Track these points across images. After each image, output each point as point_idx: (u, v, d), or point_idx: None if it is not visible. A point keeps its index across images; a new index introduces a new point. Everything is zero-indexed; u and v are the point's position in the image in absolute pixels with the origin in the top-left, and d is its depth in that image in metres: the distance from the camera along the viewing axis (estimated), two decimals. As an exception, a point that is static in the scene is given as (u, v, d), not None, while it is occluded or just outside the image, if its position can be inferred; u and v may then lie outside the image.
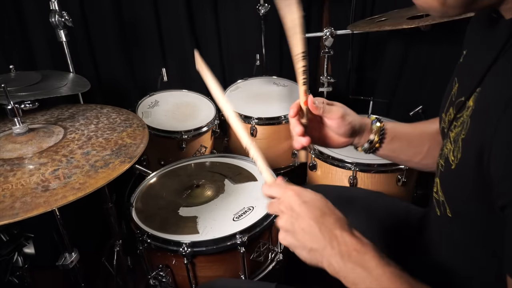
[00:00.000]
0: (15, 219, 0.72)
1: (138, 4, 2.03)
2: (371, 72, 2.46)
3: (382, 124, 0.89)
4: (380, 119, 0.90)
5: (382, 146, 0.89)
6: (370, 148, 0.89)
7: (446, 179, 0.65)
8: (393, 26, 1.57)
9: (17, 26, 1.75)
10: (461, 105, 0.62)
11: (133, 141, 0.99)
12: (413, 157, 0.90)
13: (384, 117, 1.77)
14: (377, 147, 0.89)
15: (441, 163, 0.67)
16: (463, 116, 0.61)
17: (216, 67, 2.37)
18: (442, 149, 0.67)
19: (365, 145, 0.89)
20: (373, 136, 0.88)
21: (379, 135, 0.88)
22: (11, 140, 0.98)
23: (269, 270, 1.20)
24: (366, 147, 0.89)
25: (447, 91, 0.73)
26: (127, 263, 1.53)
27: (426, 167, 0.91)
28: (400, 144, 0.90)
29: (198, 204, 1.22)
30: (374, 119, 0.90)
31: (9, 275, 1.18)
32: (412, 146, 0.90)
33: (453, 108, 0.66)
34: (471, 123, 0.57)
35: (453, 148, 0.61)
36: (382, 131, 0.88)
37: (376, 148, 0.90)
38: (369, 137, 0.88)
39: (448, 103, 0.71)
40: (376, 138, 0.88)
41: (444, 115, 0.71)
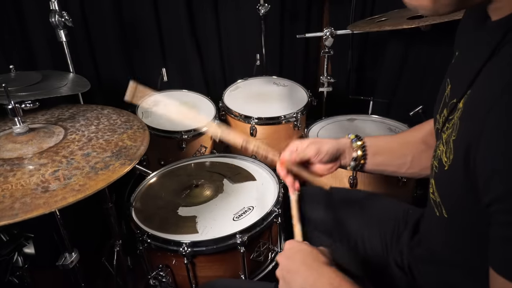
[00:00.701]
0: (15, 219, 0.72)
1: (138, 4, 2.03)
2: (371, 72, 2.46)
3: (362, 141, 0.95)
4: (360, 137, 0.96)
5: (367, 161, 0.95)
6: (357, 165, 0.95)
7: (440, 180, 0.66)
8: (393, 26, 1.57)
9: (17, 26, 1.75)
10: (453, 106, 0.63)
11: (134, 143, 0.99)
12: (399, 168, 0.94)
13: (384, 117, 1.78)
14: (362, 163, 0.95)
15: (435, 164, 0.68)
16: (454, 117, 0.62)
17: (216, 67, 2.37)
18: (436, 151, 0.68)
19: (351, 163, 0.95)
20: (355, 153, 0.94)
21: (362, 151, 0.94)
22: (11, 139, 0.98)
23: (269, 270, 1.20)
24: (353, 165, 0.95)
25: (441, 92, 0.74)
26: (127, 263, 1.53)
27: (414, 175, 0.96)
28: (383, 157, 0.95)
29: (197, 204, 1.22)
30: (354, 138, 0.95)
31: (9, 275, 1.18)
32: (396, 158, 0.94)
33: (447, 110, 0.67)
34: (460, 124, 0.59)
35: (446, 149, 0.62)
36: (363, 147, 0.94)
37: (362, 165, 0.95)
38: (352, 155, 0.94)
39: (442, 104, 0.72)
40: (359, 154, 0.94)
41: (438, 116, 0.72)
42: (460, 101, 0.61)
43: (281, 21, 2.37)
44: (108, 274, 1.53)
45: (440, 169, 0.65)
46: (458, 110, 0.61)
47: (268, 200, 1.21)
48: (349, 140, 0.95)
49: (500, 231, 0.51)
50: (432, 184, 0.69)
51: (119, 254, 1.45)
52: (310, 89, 1.98)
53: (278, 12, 2.29)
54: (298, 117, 1.76)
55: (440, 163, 0.64)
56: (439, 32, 1.64)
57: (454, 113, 0.62)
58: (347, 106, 2.43)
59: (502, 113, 0.49)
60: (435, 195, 0.68)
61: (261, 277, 1.18)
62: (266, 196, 1.24)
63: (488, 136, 0.51)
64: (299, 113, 1.77)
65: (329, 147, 0.91)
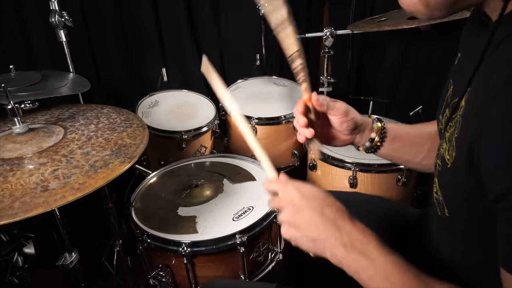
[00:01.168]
0: (14, 219, 0.72)
1: (138, 4, 2.03)
2: (371, 72, 2.46)
3: (383, 123, 0.90)
4: (381, 119, 0.91)
5: (383, 145, 0.90)
6: (372, 147, 0.90)
7: (443, 178, 0.66)
8: (393, 26, 1.57)
9: (17, 26, 1.75)
10: (455, 105, 0.63)
11: (133, 141, 0.99)
12: (415, 157, 0.90)
13: (384, 117, 1.78)
14: (378, 145, 0.90)
15: (438, 162, 0.68)
16: (457, 116, 0.62)
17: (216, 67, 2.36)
18: (439, 149, 0.68)
19: (366, 143, 0.90)
20: (374, 134, 0.89)
21: (380, 134, 0.89)
22: (11, 140, 0.98)
23: (268, 270, 1.20)
24: (368, 146, 0.90)
25: (443, 93, 0.74)
26: (127, 263, 1.53)
27: (426, 168, 0.92)
28: (401, 143, 0.91)
29: (197, 204, 1.22)
30: (375, 119, 0.91)
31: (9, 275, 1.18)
32: (413, 146, 0.90)
33: (449, 109, 0.68)
34: (462, 122, 0.59)
35: (448, 147, 0.62)
36: (383, 130, 0.89)
37: (377, 147, 0.90)
38: (370, 136, 0.89)
39: (445, 104, 0.72)
40: (377, 137, 0.89)
41: (441, 116, 0.72)
42: (462, 99, 0.61)
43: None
44: (108, 274, 1.53)
45: (443, 168, 0.65)
46: (460, 108, 0.61)
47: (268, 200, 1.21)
48: (370, 120, 0.91)
49: (507, 228, 0.50)
50: (435, 183, 0.69)
51: (119, 254, 1.45)
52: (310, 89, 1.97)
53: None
54: (298, 117, 1.76)
55: (443, 161, 0.64)
56: (439, 32, 1.64)
57: (457, 111, 0.62)
58: (347, 106, 2.43)
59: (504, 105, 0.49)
60: (438, 194, 0.68)
61: (261, 277, 1.18)
62: (266, 196, 1.24)
63: (491, 129, 0.51)
64: (299, 113, 1.77)
65: (356, 115, 0.86)
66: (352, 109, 0.87)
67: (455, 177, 0.60)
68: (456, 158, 0.59)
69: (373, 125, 0.90)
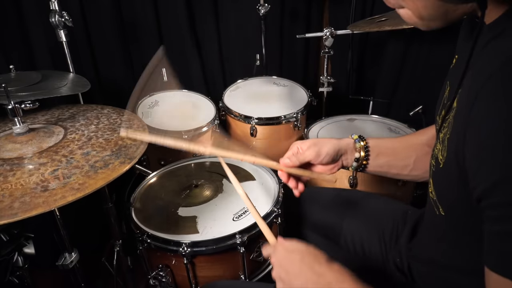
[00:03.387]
0: (14, 219, 0.72)
1: (138, 4, 2.03)
2: (371, 72, 2.46)
3: (365, 142, 0.94)
4: (363, 137, 0.95)
5: (369, 162, 0.94)
6: (359, 166, 0.94)
7: (436, 178, 0.67)
8: (393, 26, 1.57)
9: (17, 26, 1.75)
10: (449, 106, 0.64)
11: (133, 142, 0.99)
12: (402, 170, 0.94)
13: (384, 117, 1.78)
14: (364, 164, 0.94)
15: (432, 163, 0.69)
16: (450, 117, 0.63)
17: (216, 67, 2.37)
18: (433, 150, 0.70)
19: (353, 164, 0.94)
20: (358, 154, 0.93)
21: (364, 152, 0.93)
22: (11, 140, 0.98)
23: (269, 270, 1.20)
24: (355, 166, 0.94)
25: (441, 94, 0.75)
26: (127, 263, 1.53)
27: (416, 178, 0.95)
28: (387, 159, 0.94)
29: (197, 204, 1.22)
30: (357, 138, 0.94)
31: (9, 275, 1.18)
32: (399, 160, 0.94)
33: (444, 110, 0.68)
34: (453, 122, 0.60)
35: (441, 148, 0.64)
36: (366, 148, 0.94)
37: (364, 166, 0.95)
38: (355, 156, 0.93)
39: (441, 106, 0.73)
40: (362, 155, 0.93)
41: (438, 117, 0.73)
42: (454, 100, 0.62)
43: (281, 21, 2.37)
44: (108, 274, 1.53)
45: (436, 167, 0.66)
46: (453, 110, 0.62)
47: (268, 200, 1.21)
48: (352, 140, 0.94)
49: (491, 227, 0.51)
50: (430, 183, 0.70)
51: (119, 254, 1.45)
52: (310, 89, 1.98)
53: (278, 12, 2.29)
54: (298, 117, 1.76)
55: (437, 161, 0.65)
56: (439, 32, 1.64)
57: (450, 112, 0.64)
58: (347, 106, 2.43)
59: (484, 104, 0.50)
60: (433, 194, 0.69)
61: (261, 277, 1.18)
62: (266, 196, 1.24)
63: (472, 129, 0.52)
64: (299, 113, 1.77)
65: (329, 148, 0.90)
66: (323, 144, 0.91)
67: (447, 177, 0.62)
68: (447, 158, 0.61)
69: (356, 145, 0.94)
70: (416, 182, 1.55)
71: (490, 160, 0.48)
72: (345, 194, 1.20)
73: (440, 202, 0.66)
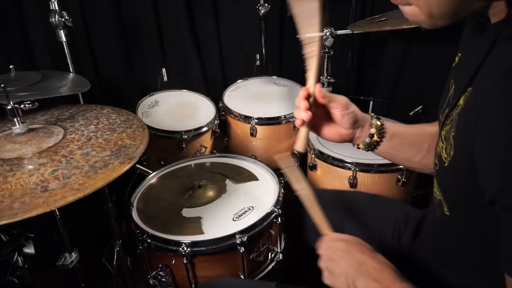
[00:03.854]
0: (14, 219, 0.72)
1: (138, 4, 2.03)
2: (371, 72, 2.46)
3: (381, 120, 0.90)
4: (379, 117, 0.91)
5: (383, 141, 0.90)
6: (371, 143, 0.90)
7: (441, 177, 0.66)
8: (393, 26, 1.57)
9: (17, 26, 1.75)
10: (454, 104, 0.64)
11: (133, 142, 0.99)
12: (414, 155, 0.90)
13: (384, 117, 1.77)
14: (377, 141, 0.90)
15: (436, 161, 0.68)
16: (453, 114, 0.62)
17: (216, 67, 2.37)
18: (436, 148, 0.69)
19: (366, 140, 0.90)
20: (373, 130, 0.89)
21: (379, 131, 0.89)
22: (11, 140, 0.98)
23: (268, 270, 1.20)
24: (367, 142, 0.90)
25: (444, 93, 0.74)
26: (127, 263, 1.53)
27: (426, 167, 0.92)
28: (400, 141, 0.91)
29: (201, 205, 1.22)
30: (374, 116, 0.91)
31: (9, 275, 1.18)
32: (412, 144, 0.90)
33: (448, 108, 0.68)
34: (458, 120, 0.59)
35: (445, 145, 0.63)
36: (382, 127, 0.90)
37: (376, 144, 0.90)
38: (370, 131, 0.89)
39: (446, 104, 0.72)
40: (376, 133, 0.89)
41: (441, 116, 0.72)
42: (461, 98, 0.61)
43: (281, 21, 2.37)
44: (108, 274, 1.53)
45: (440, 166, 0.65)
46: (458, 107, 0.61)
47: (268, 200, 1.21)
48: (369, 116, 0.91)
49: (505, 231, 0.50)
50: (435, 182, 0.69)
51: (119, 254, 1.45)
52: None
53: (278, 12, 2.29)
54: (298, 117, 1.76)
55: (440, 160, 0.64)
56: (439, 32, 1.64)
57: (454, 110, 0.63)
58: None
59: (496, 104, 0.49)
60: (437, 193, 0.68)
61: (261, 277, 1.18)
62: (266, 196, 1.24)
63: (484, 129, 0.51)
64: (299, 113, 1.77)
65: (356, 109, 0.87)
66: (352, 103, 0.88)
67: (454, 175, 0.60)
68: (455, 156, 0.59)
69: (372, 122, 0.90)
70: (415, 182, 1.56)
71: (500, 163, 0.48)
72: (346, 195, 1.19)
73: (446, 201, 0.65)
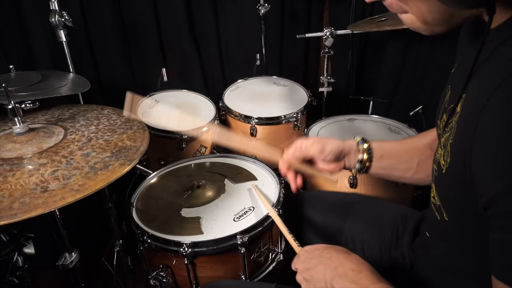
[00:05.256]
0: (14, 219, 0.71)
1: (138, 4, 2.03)
2: (371, 72, 2.46)
3: (368, 144, 0.94)
4: (366, 139, 0.94)
5: (372, 164, 0.93)
6: (362, 168, 0.94)
7: (439, 183, 0.67)
8: (393, 26, 1.57)
9: (17, 26, 1.75)
10: (451, 111, 0.64)
11: (133, 144, 0.99)
12: (405, 172, 0.93)
13: (384, 117, 1.78)
14: (367, 166, 0.94)
15: (434, 168, 0.69)
16: (452, 121, 0.63)
17: (216, 67, 2.37)
18: (435, 154, 0.69)
19: (356, 165, 0.94)
20: (361, 155, 0.93)
21: (368, 154, 0.93)
22: (11, 140, 0.98)
23: (269, 270, 1.19)
24: (358, 167, 0.94)
25: (441, 98, 0.75)
26: (127, 263, 1.53)
27: (419, 182, 0.95)
28: (390, 161, 0.94)
29: (200, 205, 1.22)
30: (360, 140, 0.94)
31: (9, 275, 1.18)
32: (402, 162, 0.93)
33: (446, 114, 0.68)
34: (457, 128, 0.60)
35: (443, 153, 0.63)
36: (369, 150, 0.93)
37: (367, 168, 0.94)
38: (358, 157, 0.93)
39: (442, 109, 0.73)
40: (365, 157, 0.93)
41: (439, 121, 0.72)
42: (458, 105, 0.62)
43: (281, 21, 2.37)
44: (108, 274, 1.53)
45: (439, 173, 0.65)
46: (456, 114, 0.62)
47: (269, 201, 1.21)
48: (355, 142, 0.94)
49: (497, 235, 0.51)
50: (433, 188, 0.69)
51: (119, 254, 1.45)
52: (310, 89, 1.98)
53: (278, 12, 2.29)
54: (298, 117, 1.76)
55: (439, 166, 0.65)
56: (439, 32, 1.64)
57: (453, 117, 0.63)
58: (347, 106, 2.43)
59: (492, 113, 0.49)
60: (435, 199, 0.68)
61: (262, 278, 1.18)
62: (267, 196, 1.24)
63: (480, 136, 0.51)
64: (299, 113, 1.77)
65: (333, 146, 0.90)
66: (327, 141, 0.91)
67: (451, 182, 0.61)
68: (451, 164, 0.60)
69: (359, 147, 0.93)
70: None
71: (497, 170, 0.48)
72: (345, 197, 1.19)
73: (444, 207, 0.65)
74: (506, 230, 0.49)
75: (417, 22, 0.59)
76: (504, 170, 0.47)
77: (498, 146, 0.48)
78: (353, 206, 1.11)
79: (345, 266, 0.68)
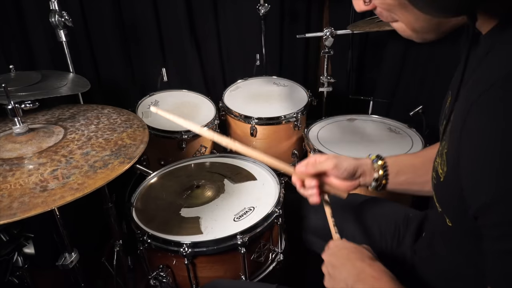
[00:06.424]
0: (13, 219, 0.71)
1: (138, 4, 2.03)
2: (371, 72, 2.46)
3: (383, 161, 0.91)
4: (381, 156, 0.92)
5: (389, 181, 0.91)
6: (378, 185, 0.92)
7: (438, 191, 0.67)
8: (393, 26, 1.57)
9: (17, 26, 1.75)
10: (447, 119, 0.64)
11: (133, 142, 0.99)
12: (423, 186, 0.90)
13: (384, 117, 1.78)
14: (384, 183, 0.91)
15: (433, 175, 0.68)
16: (447, 130, 0.63)
17: (216, 67, 2.37)
18: (434, 162, 0.69)
19: (372, 183, 0.91)
20: (376, 174, 0.90)
21: (383, 171, 0.90)
22: (11, 140, 0.98)
23: (269, 270, 1.19)
24: (374, 185, 0.92)
25: (443, 104, 0.74)
26: (127, 263, 1.53)
27: None
28: (407, 176, 0.91)
29: (199, 205, 1.22)
30: (375, 158, 0.92)
31: (9, 275, 1.18)
32: (419, 176, 0.90)
33: (445, 121, 0.68)
34: (450, 136, 0.59)
35: (441, 161, 0.63)
36: (384, 167, 0.91)
37: (384, 185, 0.92)
38: (373, 176, 0.91)
39: (443, 115, 0.72)
40: (380, 175, 0.90)
41: (441, 127, 0.72)
42: (451, 113, 0.62)
43: (281, 21, 2.37)
44: (108, 274, 1.53)
45: (437, 181, 0.65)
46: (450, 123, 0.62)
47: (269, 201, 1.21)
48: (370, 160, 0.92)
49: (488, 246, 0.51)
50: (434, 195, 0.69)
51: (119, 254, 1.45)
52: (310, 89, 1.98)
53: (278, 12, 2.29)
54: (298, 117, 1.76)
55: (437, 175, 0.64)
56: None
57: (447, 126, 0.64)
58: (347, 106, 2.43)
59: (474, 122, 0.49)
60: (437, 206, 0.68)
61: (262, 278, 1.17)
62: (267, 196, 1.24)
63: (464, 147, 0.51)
64: (299, 113, 1.77)
65: (348, 163, 0.88)
66: (341, 158, 0.90)
67: (449, 191, 0.60)
68: (448, 172, 0.59)
69: (374, 165, 0.91)
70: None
71: (484, 180, 0.48)
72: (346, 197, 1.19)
73: (446, 214, 0.65)
74: (497, 240, 0.48)
75: (408, 31, 0.61)
76: (491, 181, 0.47)
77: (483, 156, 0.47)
78: (354, 206, 1.11)
79: (366, 273, 0.71)
